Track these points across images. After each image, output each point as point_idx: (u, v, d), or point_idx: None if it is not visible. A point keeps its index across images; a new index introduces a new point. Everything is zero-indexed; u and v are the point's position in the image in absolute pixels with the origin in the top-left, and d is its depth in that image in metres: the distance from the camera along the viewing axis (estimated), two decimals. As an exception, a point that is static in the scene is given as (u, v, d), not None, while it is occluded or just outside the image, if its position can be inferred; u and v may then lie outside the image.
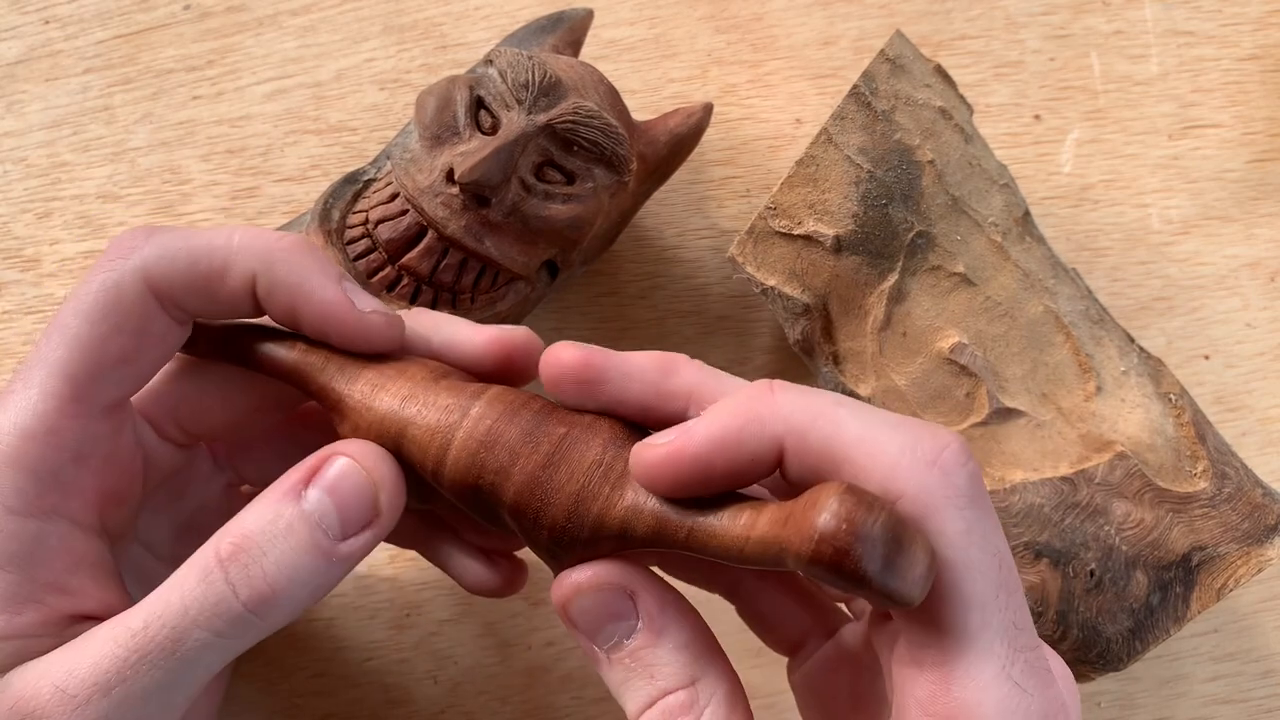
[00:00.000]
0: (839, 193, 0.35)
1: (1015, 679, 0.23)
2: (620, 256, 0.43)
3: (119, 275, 0.27)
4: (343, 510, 0.26)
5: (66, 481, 0.27)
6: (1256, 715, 0.40)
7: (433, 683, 0.39)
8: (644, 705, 0.26)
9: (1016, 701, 0.23)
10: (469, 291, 0.37)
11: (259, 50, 0.44)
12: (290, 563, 0.25)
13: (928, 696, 0.23)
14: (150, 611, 0.25)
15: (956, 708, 0.23)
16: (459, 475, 0.26)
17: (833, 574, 0.22)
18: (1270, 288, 0.43)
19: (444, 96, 0.36)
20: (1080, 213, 0.43)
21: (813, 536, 0.22)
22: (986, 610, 0.23)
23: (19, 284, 0.42)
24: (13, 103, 0.43)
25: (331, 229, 0.37)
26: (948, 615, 0.23)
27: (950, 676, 0.23)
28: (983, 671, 0.23)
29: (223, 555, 0.25)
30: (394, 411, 0.27)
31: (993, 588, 0.23)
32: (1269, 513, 0.35)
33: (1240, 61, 0.45)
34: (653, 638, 0.26)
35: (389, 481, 0.26)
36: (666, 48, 0.44)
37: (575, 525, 0.26)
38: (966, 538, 0.23)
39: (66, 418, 0.27)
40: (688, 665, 0.26)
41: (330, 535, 0.26)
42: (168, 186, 0.43)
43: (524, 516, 0.26)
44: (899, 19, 0.44)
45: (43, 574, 0.26)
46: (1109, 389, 0.36)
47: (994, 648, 0.23)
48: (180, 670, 0.25)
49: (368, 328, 0.28)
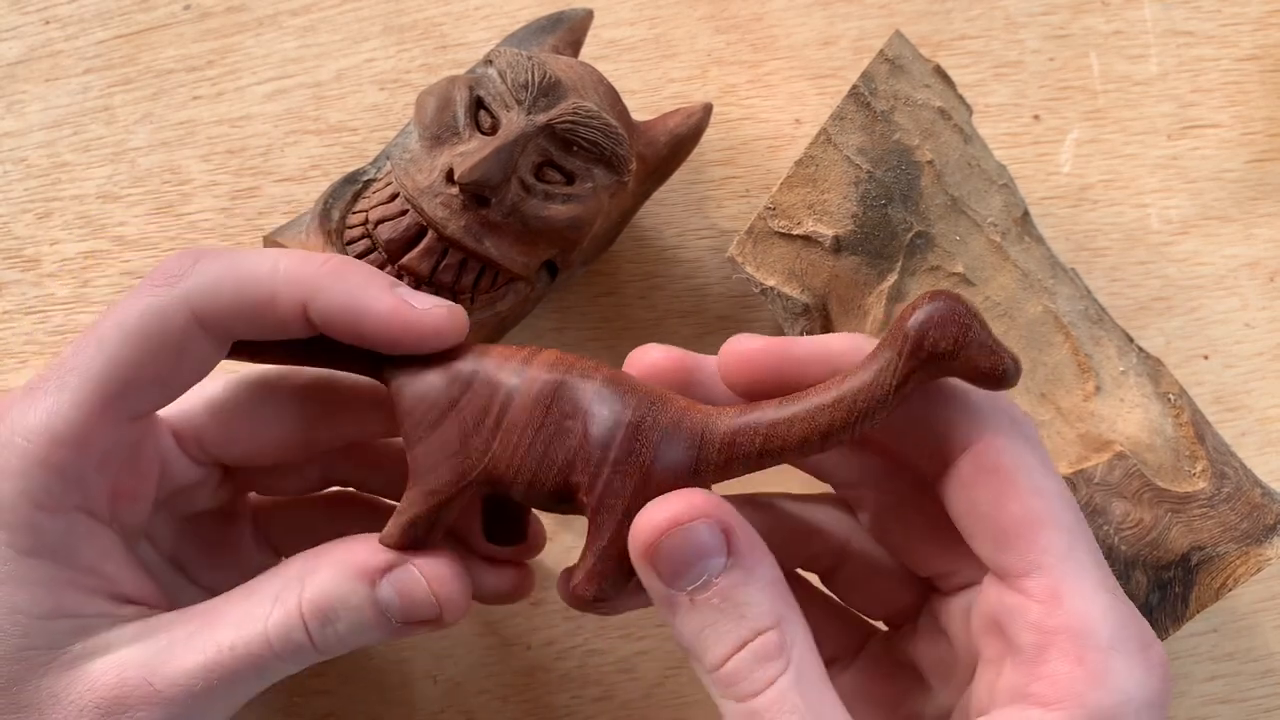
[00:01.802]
0: (838, 193, 0.35)
1: (1110, 589, 0.26)
2: (620, 256, 0.43)
3: (164, 304, 0.27)
4: (407, 611, 0.28)
5: (89, 482, 0.28)
6: (1255, 715, 0.40)
7: (432, 682, 0.39)
8: (733, 648, 0.25)
9: (1118, 609, 0.25)
10: (469, 292, 0.37)
11: (259, 50, 0.44)
12: (359, 630, 0.28)
13: (1041, 616, 0.25)
14: (239, 635, 0.27)
15: (1070, 618, 0.25)
16: (534, 396, 0.27)
17: (943, 339, 0.25)
18: (1269, 288, 0.43)
19: (444, 96, 0.36)
20: (1079, 213, 0.43)
21: (918, 318, 0.25)
22: (1073, 532, 0.26)
23: (19, 284, 0.42)
24: (13, 103, 0.43)
25: (331, 229, 0.37)
26: (1044, 536, 0.26)
27: (1058, 592, 0.25)
28: (1084, 583, 0.25)
29: (305, 611, 0.27)
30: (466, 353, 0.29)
31: (1073, 512, 0.26)
32: (1268, 512, 0.35)
33: (1240, 61, 0.45)
34: (743, 574, 0.26)
35: (452, 599, 0.28)
36: (666, 48, 0.44)
37: (676, 439, 0.27)
38: (1044, 470, 0.26)
39: (95, 427, 0.27)
40: (775, 604, 0.26)
41: (394, 620, 0.28)
42: (168, 186, 0.43)
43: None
44: (899, 19, 0.44)
45: (78, 562, 0.28)
46: (1108, 389, 0.36)
47: (1086, 563, 0.26)
48: (257, 688, 0.28)
49: (435, 326, 0.28)
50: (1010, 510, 0.26)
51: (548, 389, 0.27)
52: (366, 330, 0.28)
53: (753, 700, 0.25)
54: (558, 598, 0.41)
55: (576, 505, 0.28)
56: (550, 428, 0.27)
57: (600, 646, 0.40)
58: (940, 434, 0.27)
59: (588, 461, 0.27)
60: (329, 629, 0.27)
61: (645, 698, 0.40)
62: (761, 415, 0.26)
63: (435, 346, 0.28)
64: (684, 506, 0.26)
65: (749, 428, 0.26)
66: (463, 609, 0.28)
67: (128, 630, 0.28)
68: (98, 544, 0.28)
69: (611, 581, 0.27)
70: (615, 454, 0.27)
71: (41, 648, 0.27)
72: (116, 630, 0.27)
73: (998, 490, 0.26)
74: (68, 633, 0.27)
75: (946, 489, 0.28)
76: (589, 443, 0.27)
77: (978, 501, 0.26)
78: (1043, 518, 0.26)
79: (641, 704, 0.40)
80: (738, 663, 0.25)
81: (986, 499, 0.26)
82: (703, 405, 0.27)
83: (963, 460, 0.27)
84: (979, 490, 0.26)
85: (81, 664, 0.27)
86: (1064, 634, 0.25)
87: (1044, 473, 0.26)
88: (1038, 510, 0.26)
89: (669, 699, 0.40)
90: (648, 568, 0.26)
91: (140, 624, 0.28)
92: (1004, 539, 0.26)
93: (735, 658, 0.25)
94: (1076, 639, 0.25)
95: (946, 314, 0.25)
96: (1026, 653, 0.25)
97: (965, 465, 0.27)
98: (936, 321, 0.25)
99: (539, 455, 0.27)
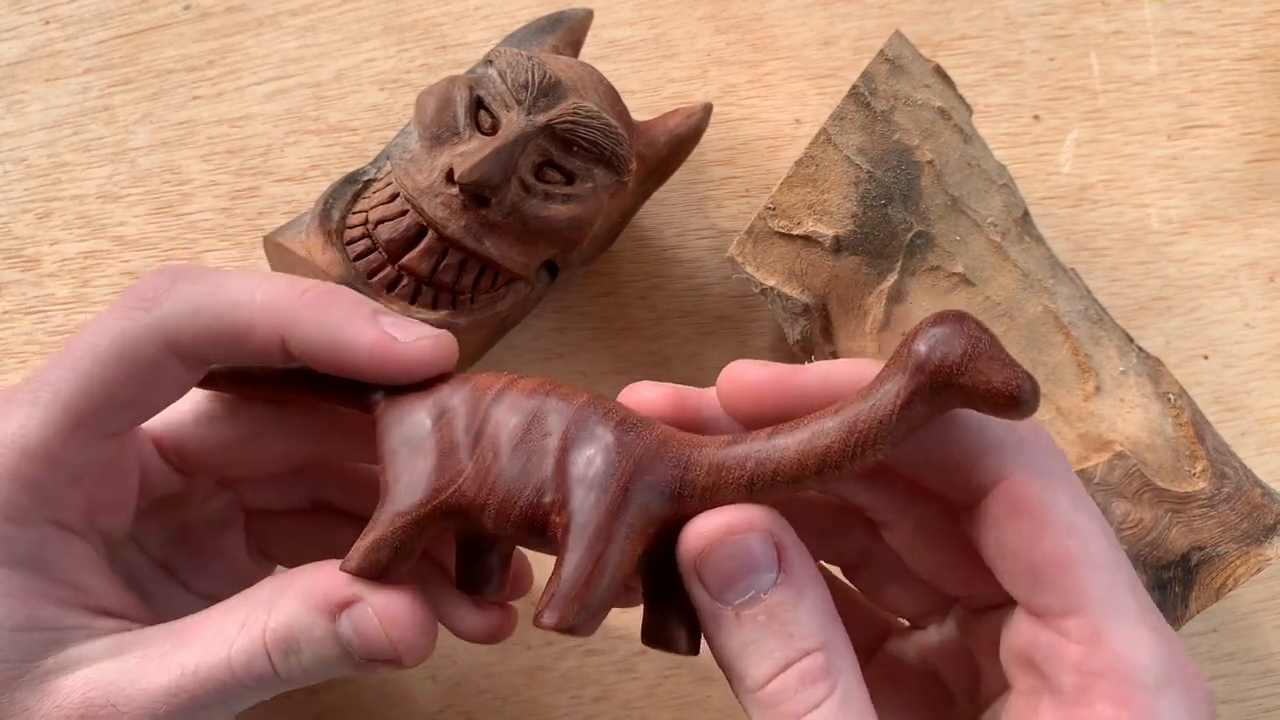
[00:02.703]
0: (838, 193, 0.35)
1: (1151, 625, 0.25)
2: (620, 256, 0.43)
3: (137, 329, 0.27)
4: (367, 650, 0.27)
5: (59, 498, 0.27)
6: (1255, 715, 0.40)
7: (431, 681, 0.39)
8: (778, 668, 0.24)
9: (1160, 645, 0.24)
10: (469, 292, 0.37)
11: (259, 50, 0.44)
12: (323, 664, 0.27)
13: (1082, 659, 0.24)
14: (202, 659, 0.26)
15: (1115, 661, 0.24)
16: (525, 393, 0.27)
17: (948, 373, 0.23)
18: (1269, 288, 0.43)
19: (444, 97, 0.36)
20: (1079, 213, 0.43)
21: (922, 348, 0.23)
22: (1112, 569, 0.25)
23: (19, 284, 0.42)
24: (13, 103, 0.43)
25: (331, 229, 0.37)
26: (1081, 577, 0.24)
27: (1100, 634, 0.24)
28: (1127, 624, 0.24)
29: (268, 640, 0.26)
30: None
31: (1110, 548, 0.25)
32: (1268, 512, 0.35)
33: (1240, 61, 0.45)
34: (793, 593, 0.25)
35: (408, 642, 0.27)
36: (666, 48, 0.44)
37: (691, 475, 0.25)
38: (1077, 505, 0.25)
39: (66, 446, 0.27)
40: (823, 626, 0.25)
41: (356, 657, 0.27)
42: (168, 186, 0.43)
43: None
44: (899, 19, 0.44)
45: (52, 574, 0.27)
46: (1108, 389, 0.36)
47: (1127, 601, 0.25)
48: (225, 714, 0.27)
49: (419, 359, 0.27)
50: (1044, 550, 0.25)
51: (528, 409, 0.26)
52: (348, 365, 0.27)
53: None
54: (558, 598, 0.41)
55: (548, 533, 0.26)
56: (528, 445, 0.26)
57: (600, 646, 0.40)
58: (966, 471, 0.26)
59: (563, 479, 0.25)
60: (292, 659, 0.26)
61: (645, 698, 0.40)
62: (753, 444, 0.25)
63: (420, 377, 0.28)
64: (739, 517, 0.25)
65: (739, 455, 0.25)
66: (423, 651, 0.27)
67: (101, 644, 0.27)
68: (72, 556, 0.28)
69: (580, 610, 0.25)
70: (592, 471, 0.25)
71: (14, 660, 0.26)
72: (90, 644, 0.27)
73: (1030, 531, 0.25)
74: (41, 645, 0.26)
75: (975, 526, 0.26)
76: (565, 460, 0.26)
77: (1008, 542, 0.25)
78: (1078, 558, 0.25)
79: (641, 704, 0.40)
80: (782, 683, 0.24)
81: (1017, 539, 0.25)
82: (694, 435, 0.26)
83: (991, 498, 0.25)
84: (1009, 530, 0.25)
85: (53, 679, 0.26)
86: (1108, 677, 0.24)
87: (1078, 508, 0.25)
88: (1073, 551, 0.25)
89: (669, 699, 0.40)
90: (694, 578, 0.25)
91: (115, 639, 0.27)
92: (1039, 580, 0.25)
93: (780, 678, 0.24)
94: (1121, 682, 0.24)
95: (954, 327, 0.23)
96: (1067, 694, 0.25)
97: (994, 504, 0.25)
98: (943, 336, 0.23)
99: (513, 475, 0.26)
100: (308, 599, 0.27)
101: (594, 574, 0.25)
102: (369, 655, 0.27)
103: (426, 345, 0.27)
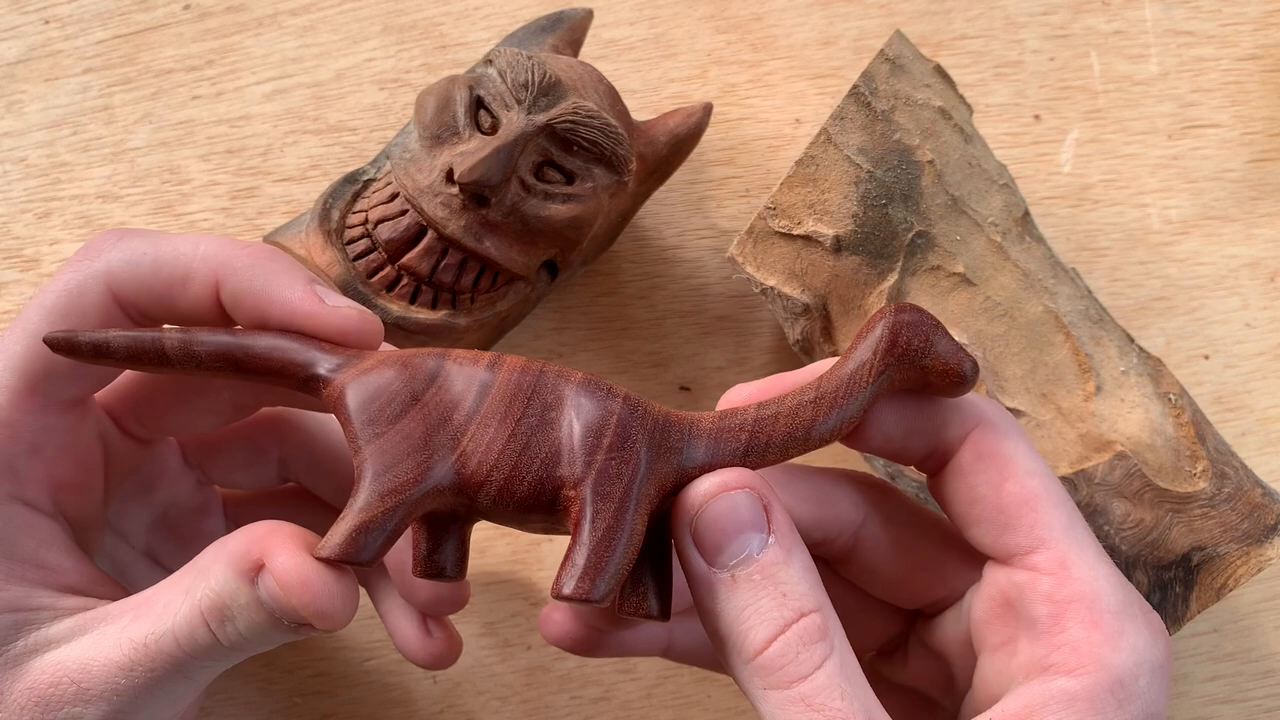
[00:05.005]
0: (839, 193, 0.35)
1: (1107, 562, 0.27)
2: (620, 256, 0.43)
3: (82, 278, 0.27)
4: (283, 613, 0.25)
5: (21, 470, 0.27)
6: (1256, 715, 0.40)
7: (432, 682, 0.39)
8: (777, 629, 0.25)
9: (1119, 578, 0.27)
10: (469, 291, 0.37)
11: (259, 50, 0.44)
12: (257, 627, 0.26)
13: (1052, 587, 0.26)
14: (150, 631, 0.26)
15: (1081, 585, 0.26)
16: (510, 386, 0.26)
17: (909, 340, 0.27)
18: (1270, 288, 0.43)
19: (444, 96, 0.36)
20: (1080, 213, 0.43)
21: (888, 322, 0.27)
22: (1068, 506, 0.28)
23: (19, 284, 0.42)
24: (12, 103, 0.43)
25: (331, 229, 0.37)
26: (1045, 513, 0.27)
27: (1067, 563, 0.27)
28: (1087, 555, 0.27)
29: (204, 609, 0.26)
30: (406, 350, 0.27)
31: (1061, 489, 0.28)
32: (1268, 512, 0.35)
33: (1240, 61, 0.45)
34: (783, 553, 0.25)
35: (318, 605, 0.25)
36: (666, 48, 0.44)
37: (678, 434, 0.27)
38: (1034, 454, 0.28)
39: (21, 411, 0.27)
40: (814, 586, 0.26)
41: (286, 622, 0.26)
42: (167, 186, 0.43)
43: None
44: (899, 19, 0.44)
45: (17, 553, 0.27)
46: (1108, 389, 0.36)
47: (1085, 536, 0.27)
48: (186, 686, 0.27)
49: (340, 320, 0.27)
50: (1009, 491, 0.27)
51: (526, 380, 0.26)
52: (273, 317, 0.27)
53: (800, 685, 0.24)
54: (558, 598, 0.41)
55: (558, 506, 0.26)
56: (532, 418, 0.26)
57: (600, 647, 0.40)
58: (936, 432, 0.28)
59: (577, 450, 0.25)
60: (229, 627, 0.26)
61: (645, 698, 0.40)
62: (744, 414, 0.27)
63: (341, 343, 0.27)
64: (727, 475, 0.26)
65: (733, 426, 0.27)
66: (339, 616, 0.25)
67: (68, 624, 0.27)
68: (37, 535, 0.28)
69: (603, 579, 0.25)
70: (609, 440, 0.26)
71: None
72: (58, 624, 0.27)
73: (997, 473, 0.28)
74: (10, 627, 0.27)
75: (946, 482, 0.29)
76: (576, 433, 0.26)
77: (978, 485, 0.28)
78: (1041, 496, 0.27)
79: (641, 704, 0.40)
80: (783, 645, 0.25)
81: (986, 482, 0.28)
82: (689, 412, 0.28)
83: (961, 452, 0.28)
84: (979, 475, 0.28)
85: (24, 661, 0.26)
86: (1077, 601, 0.26)
87: (1034, 456, 0.28)
88: (1035, 489, 0.27)
89: (669, 699, 0.40)
90: (688, 541, 0.26)
91: (81, 617, 0.27)
92: (1006, 519, 0.27)
93: (780, 639, 0.25)
94: (1089, 605, 0.26)
95: (916, 317, 0.27)
96: (1042, 624, 0.26)
97: (964, 454, 0.28)
98: (907, 322, 0.27)
99: (518, 448, 0.25)
100: (230, 563, 0.26)
101: (616, 542, 0.25)
102: (296, 618, 0.25)
103: (350, 314, 0.28)
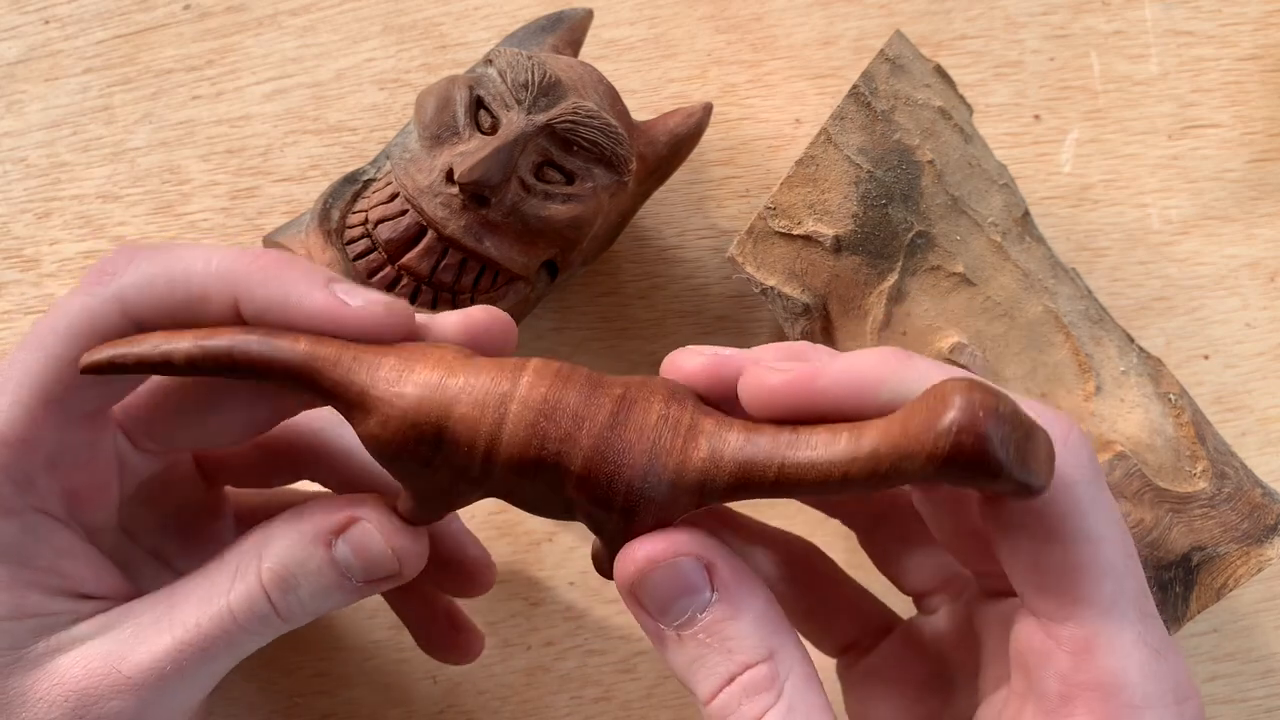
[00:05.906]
0: (839, 193, 0.35)
1: (1151, 644, 0.24)
2: (620, 256, 0.43)
3: (96, 304, 0.27)
4: (367, 567, 0.28)
5: (39, 483, 0.28)
6: (1256, 715, 0.40)
7: (432, 682, 0.39)
8: (722, 682, 0.25)
9: (1155, 666, 0.24)
10: (469, 291, 0.37)
11: (259, 50, 0.44)
12: (322, 594, 0.28)
13: (1069, 668, 0.24)
14: (201, 612, 0.27)
15: (1102, 675, 0.24)
16: (518, 449, 0.25)
17: (969, 467, 0.21)
18: (1270, 288, 0.43)
19: (443, 96, 0.36)
20: (1080, 213, 0.43)
21: (949, 429, 0.21)
22: (1119, 578, 0.24)
23: (19, 284, 0.42)
24: (12, 103, 0.43)
25: (331, 229, 0.37)
26: (1084, 586, 0.24)
27: (1093, 646, 0.24)
28: (1123, 638, 0.24)
29: (265, 581, 0.27)
30: (431, 395, 0.25)
31: (1121, 556, 0.24)
32: (1269, 512, 0.35)
33: (1240, 61, 0.45)
34: (729, 609, 0.25)
35: (408, 550, 0.28)
36: (666, 48, 0.44)
37: (652, 484, 0.25)
38: (1095, 509, 0.24)
39: (39, 427, 0.27)
40: (766, 638, 0.25)
41: (355, 580, 0.28)
42: (167, 186, 0.43)
43: (595, 484, 0.25)
44: (899, 19, 0.44)
45: (37, 562, 0.28)
46: (1108, 389, 0.36)
47: (1129, 615, 0.24)
48: (227, 664, 0.28)
49: (368, 320, 0.27)
50: (1052, 556, 0.24)
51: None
52: (298, 327, 0.27)
53: None
54: (557, 598, 0.41)
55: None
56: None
57: (600, 646, 0.40)
58: None
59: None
60: (291, 596, 0.27)
61: (645, 698, 0.40)
62: (777, 445, 0.24)
63: (372, 340, 0.27)
64: (664, 545, 0.25)
65: (764, 457, 0.24)
66: (420, 561, 0.28)
67: (90, 625, 0.28)
68: (56, 543, 0.28)
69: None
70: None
71: (4, 649, 0.27)
72: (79, 626, 0.27)
73: (1042, 537, 0.24)
74: (29, 633, 0.27)
75: (987, 515, 0.26)
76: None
77: (1019, 546, 0.25)
78: (1086, 565, 0.24)
79: (641, 704, 0.40)
80: (727, 697, 0.25)
81: (1030, 541, 0.24)
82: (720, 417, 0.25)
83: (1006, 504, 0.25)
84: (1020, 535, 0.25)
85: (46, 661, 0.27)
86: (1093, 690, 0.24)
87: (1096, 514, 0.24)
88: (1082, 558, 0.24)
89: (669, 699, 0.40)
90: (633, 602, 0.26)
91: (104, 616, 0.28)
92: (1042, 584, 0.24)
93: (725, 691, 0.25)
94: (1106, 696, 0.24)
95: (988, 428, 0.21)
96: (1050, 702, 0.24)
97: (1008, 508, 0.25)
98: (993, 436, 0.21)
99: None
100: (300, 534, 0.28)
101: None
102: (369, 575, 0.28)
103: (377, 310, 0.27)
